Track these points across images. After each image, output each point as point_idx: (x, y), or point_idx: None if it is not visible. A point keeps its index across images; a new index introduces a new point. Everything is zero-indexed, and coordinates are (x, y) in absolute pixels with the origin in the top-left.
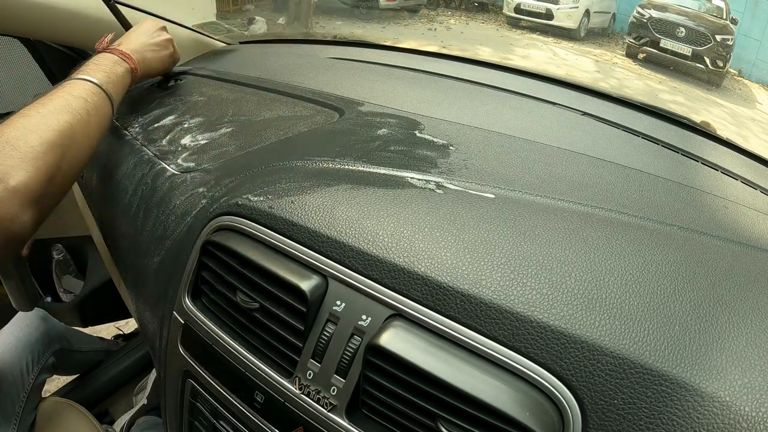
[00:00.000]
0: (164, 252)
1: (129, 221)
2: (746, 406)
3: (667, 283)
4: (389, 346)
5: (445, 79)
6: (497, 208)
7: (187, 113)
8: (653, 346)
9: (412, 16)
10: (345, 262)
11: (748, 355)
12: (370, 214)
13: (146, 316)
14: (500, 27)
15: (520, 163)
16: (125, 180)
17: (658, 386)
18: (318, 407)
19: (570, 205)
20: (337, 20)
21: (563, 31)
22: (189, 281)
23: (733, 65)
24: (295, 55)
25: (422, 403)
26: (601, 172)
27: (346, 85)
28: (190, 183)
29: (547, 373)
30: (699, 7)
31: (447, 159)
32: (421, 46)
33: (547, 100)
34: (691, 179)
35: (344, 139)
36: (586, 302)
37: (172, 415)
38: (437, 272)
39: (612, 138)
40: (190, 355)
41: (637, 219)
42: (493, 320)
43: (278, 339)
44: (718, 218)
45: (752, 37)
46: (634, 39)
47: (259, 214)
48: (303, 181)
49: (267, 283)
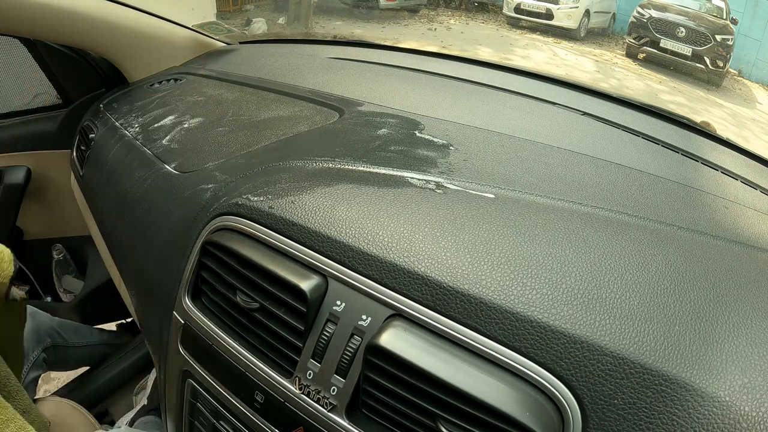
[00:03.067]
0: (164, 252)
1: (129, 221)
2: (746, 406)
3: (667, 283)
4: (389, 346)
5: (445, 79)
6: (497, 208)
7: (187, 113)
8: (653, 346)
9: (412, 16)
10: (345, 262)
11: (748, 355)
12: (370, 214)
13: (146, 316)
14: (500, 27)
15: (520, 163)
16: (125, 180)
17: (658, 386)
18: (318, 407)
19: (570, 204)
20: (337, 20)
21: (563, 31)
22: (189, 281)
23: (733, 65)
24: (295, 55)
25: (422, 403)
26: (601, 172)
27: (346, 85)
28: (190, 183)
29: (547, 373)
30: (699, 7)
31: (447, 159)
32: (421, 46)
33: (547, 100)
34: (691, 179)
35: (344, 139)
36: (586, 302)
37: (172, 415)
38: (437, 272)
39: (612, 138)
40: (190, 355)
41: (637, 219)
42: (493, 320)
43: (278, 339)
44: (718, 218)
45: (752, 37)
46: (634, 39)
47: (259, 214)
48: (303, 181)
49: (267, 283)
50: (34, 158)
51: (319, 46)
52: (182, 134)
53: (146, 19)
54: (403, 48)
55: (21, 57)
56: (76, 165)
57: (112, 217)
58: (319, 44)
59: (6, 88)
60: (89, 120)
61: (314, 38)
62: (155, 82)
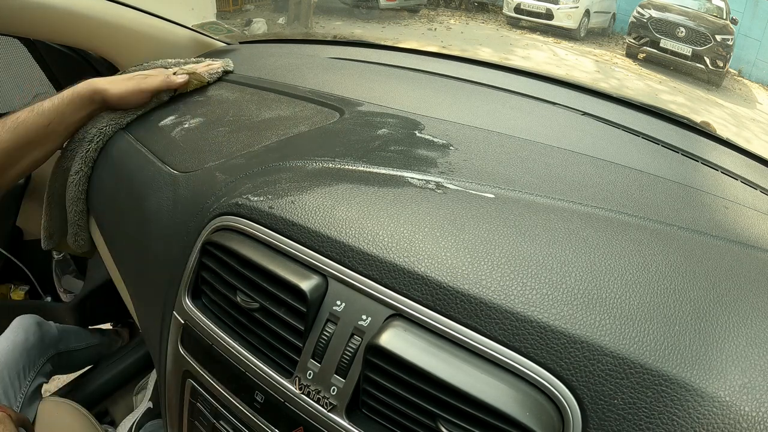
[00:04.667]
0: (164, 252)
1: (129, 221)
2: (746, 406)
3: (667, 283)
4: (389, 346)
5: (445, 79)
6: (497, 207)
7: (187, 113)
8: (653, 346)
9: (412, 16)
10: (345, 262)
11: (748, 355)
12: (370, 214)
13: (146, 317)
14: (500, 27)
15: (520, 163)
16: (125, 180)
17: (658, 386)
18: (318, 407)
19: (570, 204)
20: (337, 20)
21: (563, 31)
22: (189, 281)
23: (733, 65)
24: (295, 55)
25: (422, 403)
26: (601, 172)
27: (346, 85)
28: (190, 183)
29: (547, 373)
30: (699, 7)
31: (447, 159)
32: (421, 46)
33: (547, 100)
34: (691, 179)
35: (344, 139)
36: (586, 302)
37: (172, 416)
38: (437, 272)
39: (612, 138)
40: (190, 355)
41: (637, 219)
42: (493, 320)
43: (278, 339)
44: (718, 218)
45: (752, 37)
46: (634, 39)
47: (259, 214)
48: (303, 181)
49: (267, 283)
50: None
51: (319, 46)
52: (182, 134)
53: (146, 19)
54: (403, 48)
55: (21, 57)
56: None
57: (112, 217)
58: (319, 44)
59: (6, 88)
60: None
61: (314, 38)
62: None
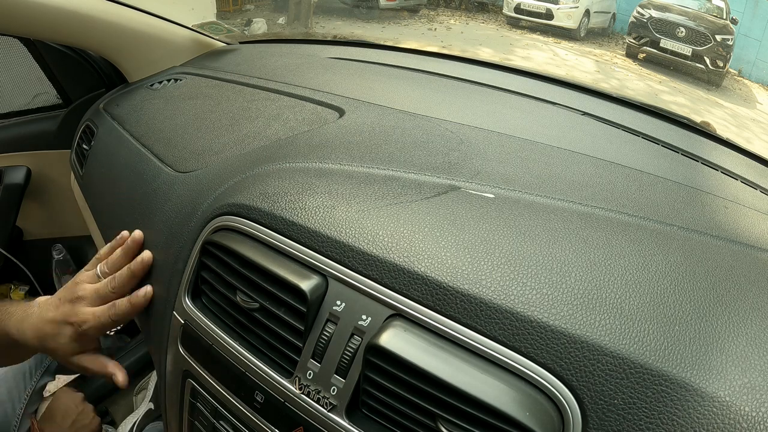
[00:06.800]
0: (164, 252)
1: (129, 221)
2: (746, 406)
3: (667, 283)
4: (389, 346)
5: (445, 79)
6: (497, 207)
7: (187, 113)
8: (653, 346)
9: (412, 16)
10: (345, 262)
11: (748, 355)
12: (370, 214)
13: (146, 316)
14: (500, 27)
15: (520, 163)
16: (125, 180)
17: (658, 386)
18: (318, 407)
19: (570, 204)
20: (337, 20)
21: (563, 31)
22: (189, 281)
23: (733, 65)
24: (295, 55)
25: (422, 402)
26: (601, 172)
27: (346, 85)
28: (190, 183)
29: (547, 373)
30: (699, 7)
31: (447, 159)
32: (421, 46)
33: (548, 100)
34: (691, 179)
35: (344, 139)
36: (586, 302)
37: (172, 415)
38: (437, 272)
39: (612, 138)
40: (190, 355)
41: (637, 219)
42: (493, 320)
43: (278, 339)
44: (718, 218)
45: (752, 37)
46: (634, 39)
47: (259, 214)
48: (303, 181)
49: (267, 283)
50: (34, 158)
51: (319, 46)
52: (182, 134)
53: (146, 19)
54: (403, 48)
55: (21, 57)
56: (75, 165)
57: (112, 217)
58: (319, 44)
59: (6, 88)
60: (89, 120)
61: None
62: (155, 82)
